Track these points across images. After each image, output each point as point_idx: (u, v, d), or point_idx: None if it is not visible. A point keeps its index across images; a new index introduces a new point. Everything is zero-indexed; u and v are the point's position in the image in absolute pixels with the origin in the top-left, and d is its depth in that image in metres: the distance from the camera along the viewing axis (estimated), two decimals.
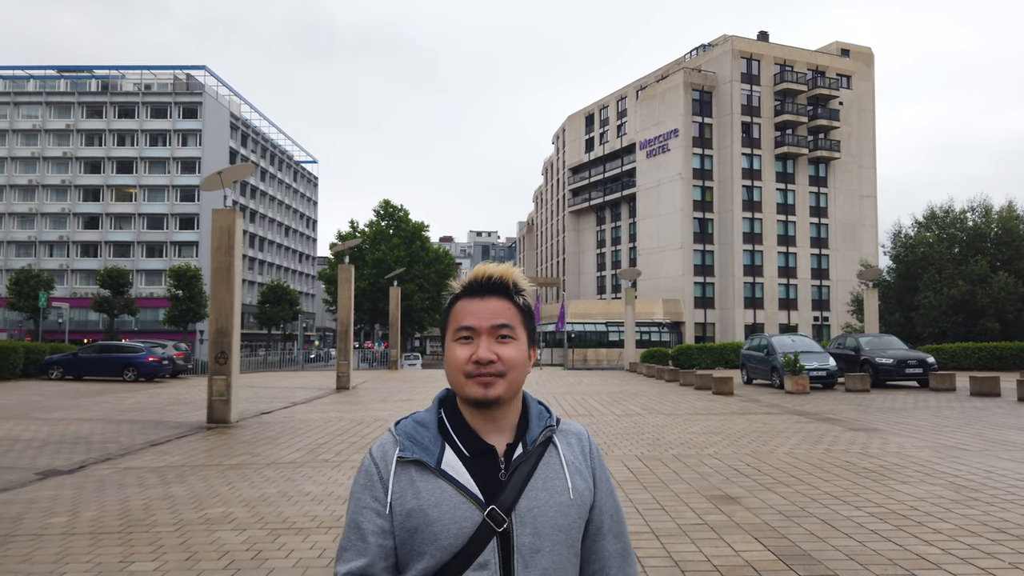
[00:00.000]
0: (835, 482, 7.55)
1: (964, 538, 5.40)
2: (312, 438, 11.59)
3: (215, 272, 14.26)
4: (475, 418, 1.42)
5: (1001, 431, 11.26)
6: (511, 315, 1.43)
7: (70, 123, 72.88)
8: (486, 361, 1.37)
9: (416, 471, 1.37)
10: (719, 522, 6.00)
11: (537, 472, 1.39)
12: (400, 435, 1.42)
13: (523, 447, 1.41)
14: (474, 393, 1.38)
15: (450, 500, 1.34)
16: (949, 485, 7.31)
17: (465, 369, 1.39)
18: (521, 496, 1.36)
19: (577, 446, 1.47)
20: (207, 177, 14.10)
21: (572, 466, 1.43)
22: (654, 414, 14.66)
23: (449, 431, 1.42)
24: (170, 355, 27.78)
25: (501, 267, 1.46)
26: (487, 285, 1.44)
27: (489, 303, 1.43)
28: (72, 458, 9.99)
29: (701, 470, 8.36)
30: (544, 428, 1.44)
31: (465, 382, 1.39)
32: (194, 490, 7.71)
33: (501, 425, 1.43)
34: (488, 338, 1.40)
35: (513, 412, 1.44)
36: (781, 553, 5.10)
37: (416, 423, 1.44)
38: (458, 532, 1.33)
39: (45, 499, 7.42)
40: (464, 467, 1.38)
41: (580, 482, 1.42)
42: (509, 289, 1.45)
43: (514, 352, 1.40)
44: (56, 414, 15.38)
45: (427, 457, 1.37)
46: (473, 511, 1.34)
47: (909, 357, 20.92)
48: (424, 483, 1.36)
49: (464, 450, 1.40)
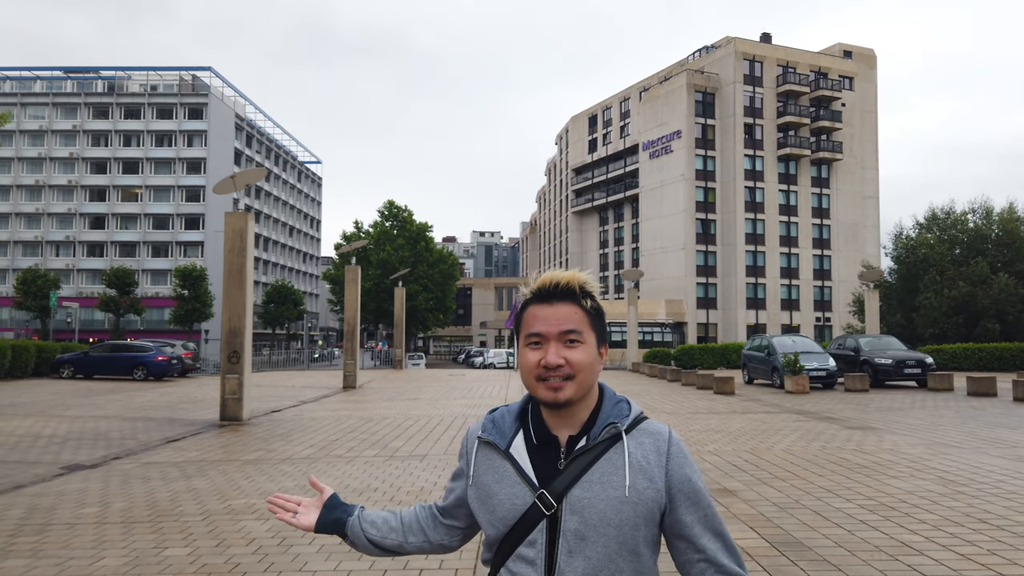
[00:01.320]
0: (829, 477, 7.88)
1: (947, 528, 5.73)
2: (324, 435, 11.94)
3: (227, 273, 14.61)
4: (547, 413, 1.53)
5: (994, 430, 11.58)
6: (578, 319, 1.49)
7: (76, 124, 73.38)
8: (554, 366, 1.45)
9: (491, 451, 1.55)
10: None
11: (596, 466, 1.46)
12: (487, 419, 1.60)
13: (586, 441, 1.49)
14: (544, 396, 1.48)
15: (510, 479, 1.50)
16: (938, 480, 7.64)
17: (536, 373, 1.48)
18: (574, 485, 1.44)
19: (651, 446, 1.50)
20: (220, 181, 14.45)
21: (637, 465, 1.46)
22: (656, 413, 14.98)
23: (527, 419, 1.56)
24: (179, 354, 28.18)
25: (567, 274, 1.52)
26: (555, 291, 1.51)
27: (557, 309, 1.49)
28: (94, 453, 10.35)
29: (701, 466, 8.68)
30: (608, 425, 1.49)
31: (536, 385, 1.48)
32: (215, 483, 8.06)
33: (569, 420, 1.52)
34: (557, 343, 1.47)
35: (584, 409, 1.52)
36: (774, 541, 5.44)
37: (506, 410, 1.60)
38: (511, 508, 1.48)
39: (74, 491, 7.77)
40: (527, 453, 1.51)
41: (642, 481, 1.45)
42: (576, 294, 1.51)
43: (582, 355, 1.47)
44: (72, 412, 15.75)
45: (499, 440, 1.54)
46: (526, 492, 1.47)
47: (908, 358, 21.22)
48: (494, 462, 1.54)
49: (533, 438, 1.53)
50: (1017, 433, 11.14)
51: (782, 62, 65.75)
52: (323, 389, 23.00)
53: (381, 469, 8.76)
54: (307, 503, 1.70)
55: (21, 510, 6.91)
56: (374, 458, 9.57)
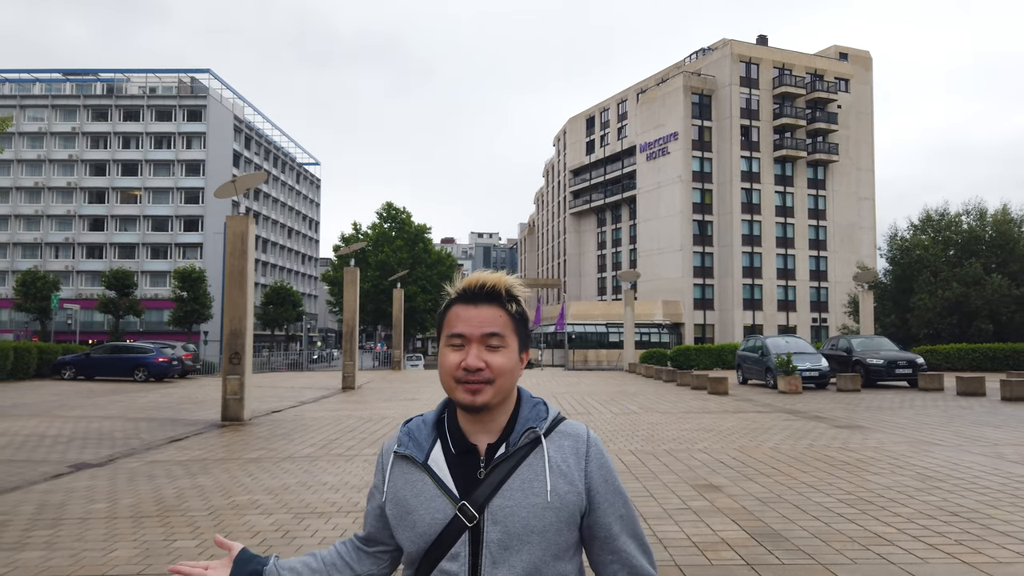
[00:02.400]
0: (812, 473, 8.17)
1: (920, 520, 6.01)
2: (324, 434, 12.21)
3: (229, 276, 14.87)
4: (464, 419, 1.50)
5: (977, 428, 11.86)
6: (502, 323, 1.46)
7: (76, 126, 73.60)
8: (475, 368, 1.42)
9: (408, 465, 1.50)
10: (702, 507, 6.61)
11: (516, 473, 1.43)
12: (402, 432, 1.54)
13: (505, 448, 1.46)
14: (462, 399, 1.44)
15: (428, 493, 1.45)
16: (917, 476, 7.92)
17: (455, 375, 1.44)
18: (495, 495, 1.41)
19: (571, 449, 1.48)
20: (221, 185, 14.72)
21: (557, 469, 1.44)
22: (650, 412, 15.27)
23: (445, 429, 1.52)
24: (179, 356, 28.45)
25: (494, 276, 1.50)
26: (480, 293, 1.48)
27: (481, 311, 1.46)
28: (99, 452, 10.61)
29: (690, 463, 8.97)
30: (526, 430, 1.47)
31: (455, 387, 1.45)
32: (219, 481, 8.33)
33: (489, 426, 1.49)
34: (478, 346, 1.44)
35: (502, 414, 1.49)
36: (754, 532, 5.71)
37: (421, 421, 1.55)
38: (431, 523, 1.43)
39: (82, 488, 8.03)
40: (447, 464, 1.47)
41: (563, 485, 1.43)
42: (502, 297, 1.48)
43: (503, 360, 1.45)
44: (75, 412, 16.00)
45: (416, 453, 1.49)
46: (447, 505, 1.42)
47: (899, 358, 21.52)
48: (411, 476, 1.48)
49: (451, 448, 1.48)
50: (1000, 431, 11.43)
51: (778, 64, 66.12)
52: (322, 390, 23.25)
53: None
54: (214, 565, 1.51)
55: (32, 506, 7.17)
56: (373, 456, 9.84)
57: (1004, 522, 5.91)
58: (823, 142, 66.29)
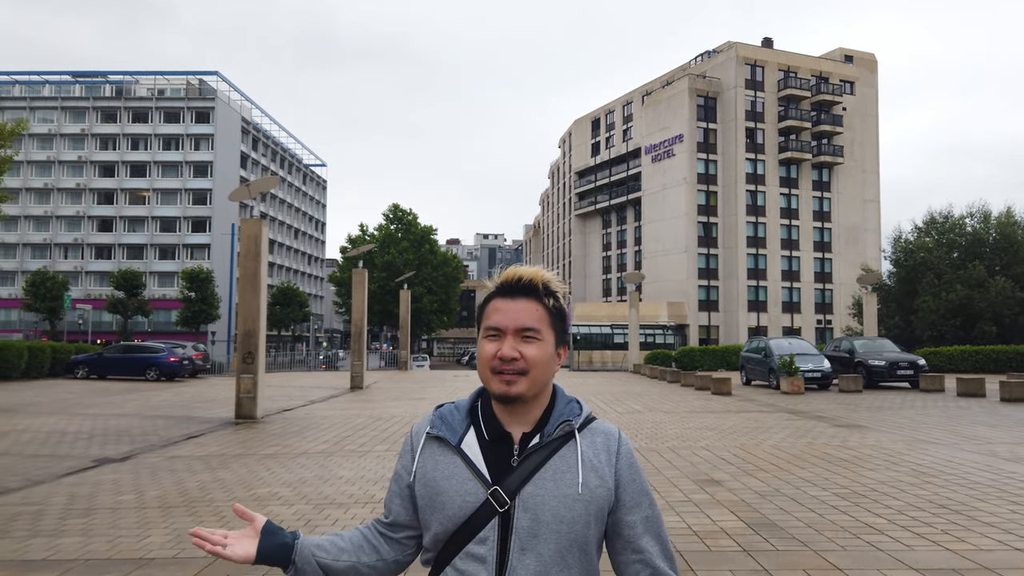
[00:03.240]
0: (810, 469, 8.47)
1: (910, 512, 6.31)
2: (336, 432, 12.55)
3: (242, 278, 15.23)
4: (500, 409, 1.53)
5: (974, 427, 12.14)
6: (538, 317, 1.50)
7: (85, 127, 74.22)
8: (509, 359, 1.46)
9: (439, 447, 1.52)
10: (702, 500, 6.93)
11: (549, 463, 1.46)
12: (435, 415, 1.56)
13: (539, 438, 1.49)
14: (497, 389, 1.48)
15: (460, 476, 1.46)
16: (911, 472, 8.22)
17: (491, 365, 1.48)
18: (527, 483, 1.44)
19: (602, 445, 1.52)
20: (236, 189, 15.09)
21: (589, 463, 1.48)
22: (654, 412, 15.57)
23: (478, 416, 1.54)
24: (190, 355, 28.85)
25: (531, 270, 1.53)
26: (517, 287, 1.52)
27: (518, 303, 1.50)
28: (120, 448, 10.96)
29: (692, 459, 9.28)
30: (561, 423, 1.50)
31: (491, 377, 1.48)
32: (239, 474, 8.67)
33: (523, 418, 1.52)
34: (513, 337, 1.48)
35: (537, 407, 1.53)
36: (751, 523, 6.03)
37: (454, 407, 1.58)
38: (462, 505, 1.44)
39: (108, 481, 8.38)
40: (480, 449, 1.49)
41: (594, 479, 1.46)
42: (538, 291, 1.52)
43: (537, 352, 1.48)
44: (92, 410, 16.38)
45: (450, 436, 1.51)
46: (479, 489, 1.44)
47: (901, 359, 21.78)
48: (443, 458, 1.50)
49: (485, 434, 1.51)
50: (996, 431, 11.71)
51: (783, 67, 66.33)
52: (331, 389, 23.61)
53: (392, 462, 9.35)
54: (236, 534, 1.48)
55: (63, 497, 7.52)
56: (385, 452, 10.17)
57: (989, 514, 6.21)
58: (828, 144, 66.46)
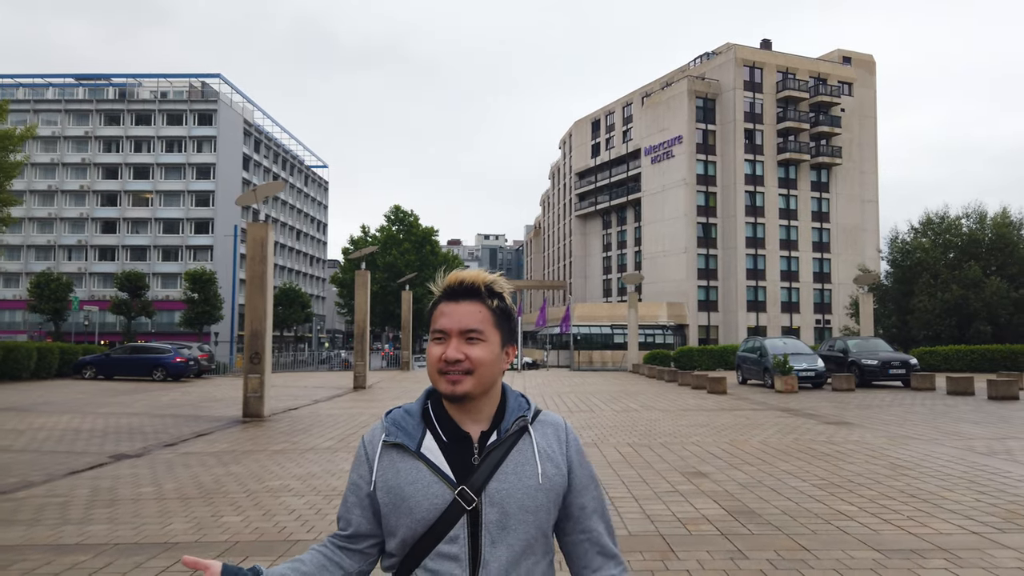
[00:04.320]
0: (792, 462, 8.91)
1: (881, 501, 6.75)
2: (341, 429, 13.00)
3: (250, 280, 15.68)
4: (453, 409, 1.57)
5: (957, 424, 12.58)
6: (480, 318, 1.54)
7: (88, 130, 74.75)
8: (454, 360, 1.50)
9: (398, 453, 1.54)
10: (688, 490, 7.37)
11: (509, 458, 1.52)
12: (388, 422, 1.58)
13: (497, 435, 1.55)
14: (444, 389, 1.53)
15: (425, 479, 1.49)
16: (888, 465, 8.66)
17: (438, 367, 1.52)
18: (491, 479, 1.49)
19: (553, 436, 1.59)
20: (243, 194, 15.54)
21: (544, 454, 1.55)
22: (649, 410, 16.01)
23: (432, 419, 1.58)
24: (195, 356, 29.30)
25: (473, 273, 1.59)
26: (460, 290, 1.57)
27: (462, 306, 1.54)
28: (134, 445, 11.41)
29: (682, 454, 9.72)
30: (517, 419, 1.56)
31: (438, 378, 1.53)
32: (251, 469, 9.11)
33: (477, 416, 1.56)
34: (458, 339, 1.52)
35: (489, 405, 1.58)
36: (731, 510, 6.47)
37: (404, 412, 1.60)
38: (430, 508, 1.47)
39: (127, 475, 8.83)
40: (441, 451, 1.52)
41: (551, 468, 1.54)
42: (481, 293, 1.56)
43: (481, 352, 1.52)
44: (103, 409, 16.84)
45: (408, 441, 1.53)
46: (445, 490, 1.48)
47: (893, 359, 22.21)
48: (403, 464, 1.52)
49: (442, 436, 1.55)
50: (978, 427, 12.14)
51: (782, 68, 66.78)
52: (334, 389, 24.05)
53: None
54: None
55: (86, 489, 7.97)
56: None
57: (955, 502, 6.65)
58: (826, 145, 66.90)
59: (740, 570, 4.81)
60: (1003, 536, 5.53)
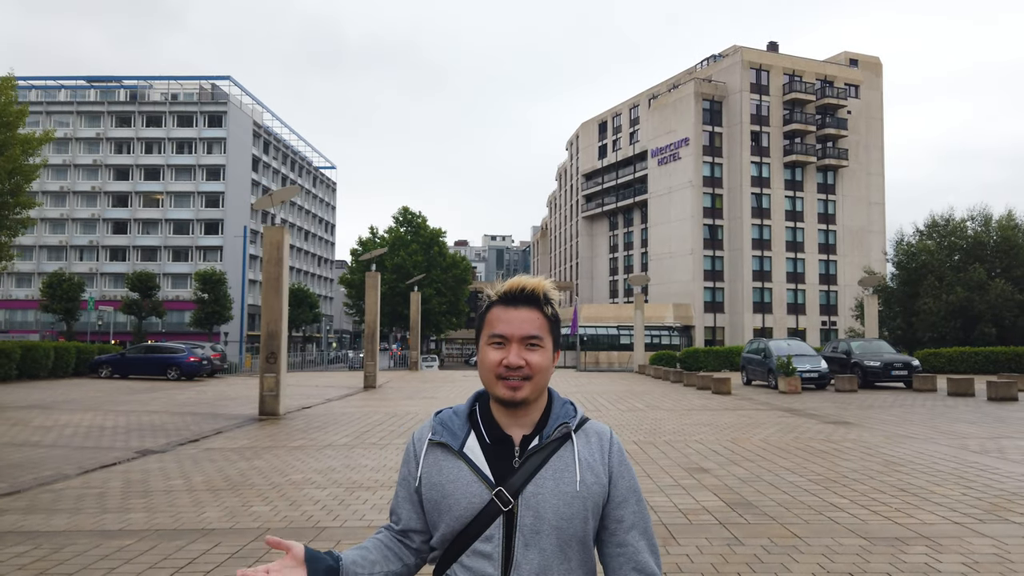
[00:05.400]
0: (791, 459, 9.30)
1: (872, 495, 7.14)
2: (356, 427, 13.44)
3: (266, 282, 16.14)
4: (500, 412, 1.59)
5: (953, 424, 12.93)
6: (540, 325, 1.57)
7: (100, 132, 75.56)
8: (516, 366, 1.53)
9: (442, 452, 1.58)
10: (690, 484, 7.77)
11: (549, 463, 1.53)
12: (436, 421, 1.63)
13: (539, 440, 1.56)
14: (503, 394, 1.54)
15: (465, 478, 1.53)
16: (883, 462, 9.04)
17: (496, 372, 1.54)
18: (529, 482, 1.51)
19: (596, 444, 1.59)
20: (260, 198, 16.01)
21: (585, 462, 1.55)
22: (655, 410, 16.40)
23: (477, 420, 1.61)
24: (208, 355, 29.82)
25: (533, 280, 1.60)
26: (520, 296, 1.59)
27: (521, 312, 1.56)
28: (157, 441, 11.87)
29: (685, 451, 10.12)
30: (560, 425, 1.57)
31: (496, 383, 1.55)
32: (273, 463, 9.55)
33: (523, 420, 1.58)
34: (518, 345, 1.55)
35: (536, 410, 1.60)
36: (730, 502, 6.87)
37: (452, 413, 1.64)
38: (468, 506, 1.51)
39: (155, 469, 9.27)
40: (483, 452, 1.55)
41: (590, 477, 1.54)
42: (540, 300, 1.59)
43: (540, 359, 1.55)
44: (123, 407, 17.32)
45: (452, 441, 1.57)
46: (483, 490, 1.51)
47: (895, 360, 22.54)
48: (447, 462, 1.56)
49: (486, 438, 1.58)
50: (974, 427, 12.49)
51: (788, 71, 67.04)
52: (345, 388, 24.51)
53: None
54: (278, 566, 1.45)
55: (119, 482, 8.42)
56: (403, 445, 11.01)
57: (942, 496, 7.03)
58: (833, 147, 67.13)
59: (735, 554, 5.22)
60: (983, 526, 5.92)
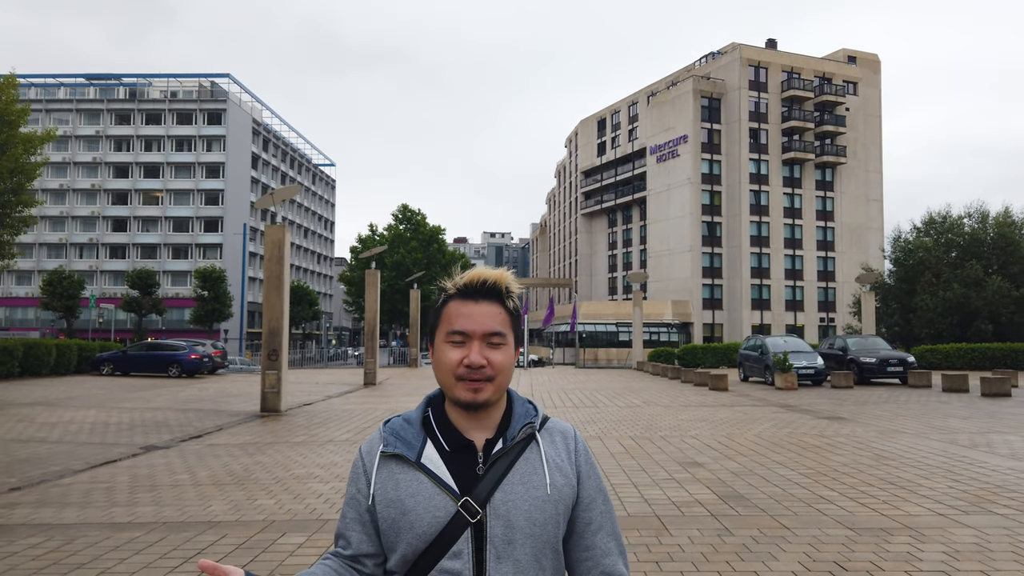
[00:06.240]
0: (784, 454, 9.49)
1: (861, 488, 7.33)
2: (356, 423, 13.63)
3: (267, 280, 16.32)
4: (459, 416, 1.47)
5: (945, 419, 13.13)
6: (502, 320, 1.46)
7: (99, 129, 75.64)
8: (478, 366, 1.41)
9: (397, 465, 1.44)
10: (684, 478, 7.96)
11: (515, 467, 1.43)
12: (386, 432, 1.49)
13: (503, 443, 1.45)
14: (463, 397, 1.42)
15: (426, 491, 1.40)
16: (873, 456, 9.23)
17: (456, 372, 1.42)
18: (496, 489, 1.40)
19: (562, 444, 1.50)
20: (261, 197, 16.18)
21: (553, 463, 1.46)
22: (652, 406, 16.59)
23: (433, 427, 1.48)
24: (209, 353, 30.00)
25: (495, 272, 1.49)
26: (481, 289, 1.47)
27: (482, 307, 1.45)
28: (161, 437, 12.05)
29: (680, 446, 10.31)
30: (524, 426, 1.47)
31: (455, 384, 1.43)
32: (276, 458, 9.74)
33: (484, 423, 1.47)
34: (480, 343, 1.43)
35: (497, 411, 1.49)
36: (722, 495, 7.06)
37: (403, 421, 1.50)
38: (432, 521, 1.38)
39: (161, 464, 9.46)
40: (443, 461, 1.43)
41: (559, 478, 1.45)
42: (502, 294, 1.48)
43: (503, 357, 1.45)
44: (126, 404, 17.50)
45: (407, 451, 1.44)
46: (448, 502, 1.39)
47: (891, 357, 22.74)
48: (403, 475, 1.43)
49: (445, 445, 1.45)
50: (964, 423, 12.69)
51: (787, 68, 67.18)
52: (345, 385, 24.70)
53: None
54: None
55: (126, 476, 8.60)
56: None
57: (929, 489, 7.23)
58: (831, 144, 67.31)
59: (725, 544, 5.41)
60: (966, 517, 6.11)
